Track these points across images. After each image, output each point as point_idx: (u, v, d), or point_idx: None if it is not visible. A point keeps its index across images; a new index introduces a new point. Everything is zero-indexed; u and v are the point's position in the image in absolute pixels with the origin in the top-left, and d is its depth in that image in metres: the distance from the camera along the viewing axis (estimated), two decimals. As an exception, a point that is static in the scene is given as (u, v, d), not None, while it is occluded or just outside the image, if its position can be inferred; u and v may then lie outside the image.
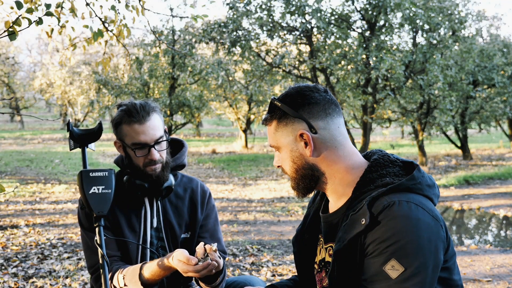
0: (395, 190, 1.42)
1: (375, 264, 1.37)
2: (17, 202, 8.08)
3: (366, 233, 1.39)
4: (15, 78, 29.61)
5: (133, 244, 2.08)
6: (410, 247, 1.34)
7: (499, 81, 12.92)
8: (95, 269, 2.06)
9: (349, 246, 1.42)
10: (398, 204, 1.37)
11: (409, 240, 1.34)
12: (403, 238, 1.34)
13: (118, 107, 2.12)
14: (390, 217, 1.36)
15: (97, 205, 1.79)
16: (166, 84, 16.59)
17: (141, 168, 2.04)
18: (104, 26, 4.31)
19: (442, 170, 12.64)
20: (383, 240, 1.36)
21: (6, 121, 36.45)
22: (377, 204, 1.40)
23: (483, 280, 4.37)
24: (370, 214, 1.38)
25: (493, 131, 22.27)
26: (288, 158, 1.56)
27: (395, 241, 1.34)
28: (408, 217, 1.35)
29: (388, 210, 1.37)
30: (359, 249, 1.41)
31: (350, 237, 1.42)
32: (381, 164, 1.52)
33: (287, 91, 1.57)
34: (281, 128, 1.54)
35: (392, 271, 1.34)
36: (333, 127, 1.52)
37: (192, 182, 2.25)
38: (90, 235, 2.05)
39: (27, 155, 15.67)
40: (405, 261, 1.34)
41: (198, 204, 2.21)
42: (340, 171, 1.53)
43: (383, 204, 1.39)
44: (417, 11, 10.76)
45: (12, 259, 4.85)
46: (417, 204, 1.39)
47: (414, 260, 1.33)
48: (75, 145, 1.93)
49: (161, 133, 2.05)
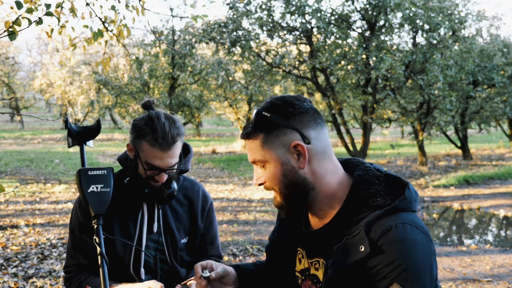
0: (390, 212, 1.42)
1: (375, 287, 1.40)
2: (17, 202, 8.08)
3: (367, 259, 1.39)
4: (15, 78, 29.62)
5: (126, 248, 2.04)
6: (410, 270, 1.37)
7: (499, 81, 12.92)
8: (68, 271, 2.05)
9: (345, 271, 1.42)
10: (395, 228, 1.38)
11: (409, 264, 1.37)
12: (403, 262, 1.37)
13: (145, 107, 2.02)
14: (389, 242, 1.37)
15: (95, 203, 1.78)
16: (166, 84, 16.61)
17: (143, 176, 2.03)
18: (104, 26, 4.31)
19: (442, 170, 12.64)
20: (384, 266, 1.37)
21: (6, 121, 36.46)
22: (374, 229, 1.39)
23: (483, 280, 4.37)
24: (369, 241, 1.38)
25: (493, 131, 22.27)
26: (278, 173, 1.47)
27: (397, 266, 1.37)
28: (405, 240, 1.38)
29: (387, 236, 1.38)
30: (356, 273, 1.41)
31: (348, 263, 1.41)
32: (368, 181, 1.48)
33: (271, 102, 1.49)
34: (270, 140, 1.46)
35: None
36: (323, 137, 1.49)
37: (194, 186, 2.20)
38: (79, 236, 2.04)
39: (27, 155, 15.67)
40: (407, 284, 1.37)
41: (198, 210, 2.17)
42: (328, 186, 1.49)
43: (381, 230, 1.38)
44: (417, 11, 10.76)
45: (12, 259, 4.85)
46: (411, 224, 1.41)
47: (415, 282, 1.37)
48: (74, 142, 1.92)
49: (176, 160, 2.00)
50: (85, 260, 2.03)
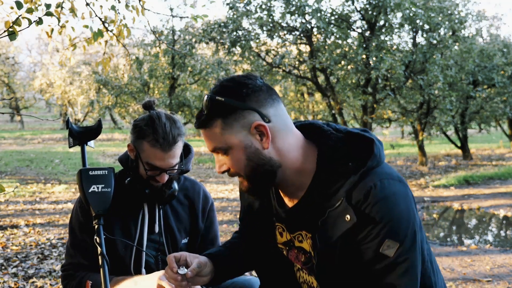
0: (366, 174, 1.40)
1: (370, 250, 1.39)
2: (17, 202, 8.08)
3: (354, 226, 1.39)
4: (15, 78, 29.62)
5: (126, 248, 2.04)
6: (397, 223, 1.38)
7: (499, 81, 12.92)
8: (66, 269, 2.06)
9: (335, 243, 1.41)
10: (375, 188, 1.38)
11: (395, 218, 1.38)
12: (390, 219, 1.37)
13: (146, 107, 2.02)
14: (373, 204, 1.37)
15: (96, 203, 1.78)
16: (166, 84, 16.61)
17: (144, 176, 2.03)
18: (104, 26, 4.32)
19: (442, 170, 12.64)
20: (373, 227, 1.37)
21: (6, 121, 36.46)
22: (355, 195, 1.38)
23: (483, 280, 4.37)
24: (353, 209, 1.37)
25: (493, 131, 22.26)
26: (242, 157, 1.41)
27: (385, 224, 1.37)
28: (387, 197, 1.38)
29: (369, 198, 1.37)
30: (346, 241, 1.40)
31: (337, 235, 1.40)
32: (332, 147, 1.45)
33: (222, 85, 1.42)
34: (229, 125, 1.39)
35: (389, 250, 1.37)
36: (282, 113, 1.44)
37: (194, 187, 2.20)
38: (79, 235, 2.04)
39: (27, 155, 15.67)
40: (397, 236, 1.38)
41: (199, 211, 2.17)
42: (295, 161, 1.45)
43: (362, 194, 1.38)
44: (417, 11, 10.76)
45: (12, 259, 4.85)
46: (387, 178, 1.40)
47: (404, 232, 1.38)
48: (74, 142, 1.92)
49: (177, 160, 2.00)
50: (84, 260, 2.03)
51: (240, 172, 1.44)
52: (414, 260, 1.40)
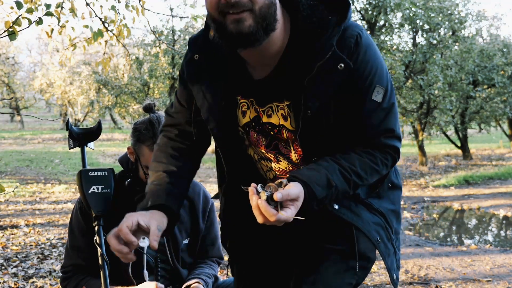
0: (346, 26, 1.40)
1: (362, 98, 1.42)
2: (17, 202, 8.08)
3: (346, 77, 1.38)
4: (15, 78, 29.60)
5: None
6: (381, 69, 1.44)
7: (499, 81, 12.92)
8: (65, 270, 2.06)
9: (330, 96, 1.40)
10: (360, 37, 1.40)
11: (380, 64, 1.43)
12: (376, 65, 1.42)
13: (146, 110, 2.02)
14: (362, 51, 1.40)
15: (96, 204, 1.78)
16: (166, 84, 16.59)
17: (144, 180, 2.02)
18: (104, 26, 4.32)
19: (442, 170, 12.64)
20: (365, 74, 1.40)
21: (6, 121, 36.45)
22: (343, 45, 1.38)
23: (483, 280, 4.36)
24: (346, 56, 1.37)
25: (493, 131, 22.26)
26: None
27: (375, 70, 1.42)
28: (370, 45, 1.42)
29: (358, 46, 1.39)
30: (336, 94, 1.40)
31: (332, 87, 1.38)
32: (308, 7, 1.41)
33: None
34: None
35: (378, 96, 1.42)
36: None
37: (194, 187, 2.19)
38: (78, 236, 2.03)
39: (27, 155, 15.67)
40: (383, 82, 1.43)
41: (199, 212, 2.17)
42: (279, 25, 1.39)
43: (352, 42, 1.39)
44: (417, 11, 10.76)
45: (12, 259, 4.85)
46: (362, 29, 1.44)
47: (386, 77, 1.45)
48: (74, 144, 1.92)
49: None
50: (83, 261, 2.03)
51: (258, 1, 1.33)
52: (395, 102, 1.48)
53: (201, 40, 1.53)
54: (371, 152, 1.48)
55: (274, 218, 1.25)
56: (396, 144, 1.54)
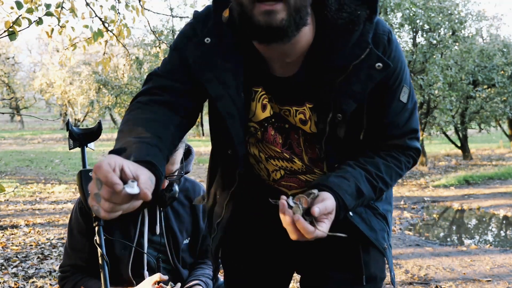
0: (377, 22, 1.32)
1: (390, 99, 1.35)
2: (17, 202, 8.08)
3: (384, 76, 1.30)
4: (15, 78, 29.60)
5: (125, 250, 2.03)
6: (406, 67, 1.38)
7: (499, 81, 12.92)
8: (64, 270, 2.06)
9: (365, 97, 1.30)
10: (391, 33, 1.32)
11: (404, 61, 1.37)
12: (403, 62, 1.36)
13: None
14: (395, 49, 1.32)
15: (96, 205, 1.78)
16: (166, 84, 16.60)
17: None
18: (104, 26, 4.32)
19: (442, 170, 12.64)
20: (397, 74, 1.33)
21: (6, 121, 36.45)
22: (377, 42, 1.28)
23: (483, 280, 4.37)
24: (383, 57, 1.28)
25: (493, 131, 22.26)
26: None
27: (403, 69, 1.35)
28: (397, 42, 1.35)
29: (391, 43, 1.31)
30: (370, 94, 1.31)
31: (369, 87, 1.28)
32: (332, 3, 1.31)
33: None
34: None
35: (404, 96, 1.36)
36: None
37: (195, 187, 2.19)
38: (77, 236, 2.04)
39: (27, 155, 15.67)
40: (407, 82, 1.38)
41: (200, 211, 2.16)
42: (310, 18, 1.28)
43: (385, 40, 1.30)
44: (417, 11, 10.76)
45: (12, 259, 4.85)
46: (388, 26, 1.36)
47: (409, 76, 1.39)
48: (75, 144, 1.92)
49: (177, 166, 1.98)
50: (82, 261, 2.03)
51: None
52: (416, 101, 1.41)
53: (212, 22, 1.34)
54: (395, 156, 1.40)
55: (312, 236, 1.13)
56: (418, 145, 1.43)
